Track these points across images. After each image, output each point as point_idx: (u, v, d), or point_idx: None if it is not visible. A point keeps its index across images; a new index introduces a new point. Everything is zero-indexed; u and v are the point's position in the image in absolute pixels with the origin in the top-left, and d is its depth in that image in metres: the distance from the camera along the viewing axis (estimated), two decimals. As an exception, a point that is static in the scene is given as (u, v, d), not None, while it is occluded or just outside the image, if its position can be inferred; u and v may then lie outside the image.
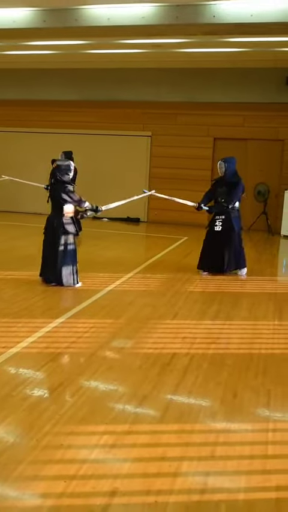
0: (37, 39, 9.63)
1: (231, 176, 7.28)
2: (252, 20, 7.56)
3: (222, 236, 7.25)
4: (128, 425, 3.09)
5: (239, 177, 7.34)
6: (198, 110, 12.64)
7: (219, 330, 5.02)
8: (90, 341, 4.50)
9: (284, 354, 4.47)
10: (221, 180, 7.36)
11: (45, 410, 3.21)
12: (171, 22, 7.87)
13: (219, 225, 7.24)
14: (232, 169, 7.29)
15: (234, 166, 7.34)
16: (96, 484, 2.51)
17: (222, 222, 7.24)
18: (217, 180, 7.51)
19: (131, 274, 7.20)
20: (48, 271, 6.30)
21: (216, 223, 7.29)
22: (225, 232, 7.25)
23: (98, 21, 8.09)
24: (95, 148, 13.38)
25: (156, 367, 3.97)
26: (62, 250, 6.19)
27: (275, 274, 8.17)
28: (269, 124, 12.25)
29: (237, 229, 7.33)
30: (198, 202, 7.38)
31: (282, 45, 9.72)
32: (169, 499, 2.43)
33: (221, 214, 7.27)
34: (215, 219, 7.33)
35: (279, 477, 2.65)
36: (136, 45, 10.23)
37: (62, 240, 6.20)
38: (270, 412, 3.37)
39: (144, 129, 13.17)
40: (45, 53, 11.29)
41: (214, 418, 3.24)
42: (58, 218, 6.20)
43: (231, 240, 7.29)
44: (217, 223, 7.28)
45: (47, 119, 13.72)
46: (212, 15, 7.69)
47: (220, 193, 7.30)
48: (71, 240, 6.28)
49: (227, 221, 7.24)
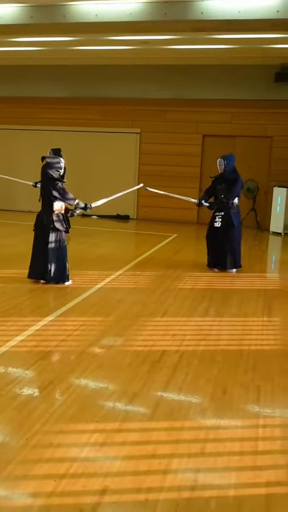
0: (24, 36, 9.56)
1: (230, 173, 7.37)
2: (240, 16, 7.57)
3: (221, 232, 7.36)
4: (118, 423, 3.08)
5: (238, 173, 7.43)
6: (187, 106, 12.64)
7: (209, 327, 5.03)
8: (80, 339, 4.49)
9: (274, 350, 4.49)
10: (221, 177, 7.45)
11: (35, 409, 3.19)
12: (159, 19, 7.86)
13: (218, 221, 7.36)
14: (231, 166, 7.39)
15: (233, 164, 7.45)
16: (86, 483, 2.50)
17: (221, 218, 7.34)
18: (216, 177, 7.58)
19: (120, 272, 7.19)
20: (37, 269, 6.24)
21: (216, 219, 7.40)
22: (225, 228, 7.35)
23: (86, 17, 8.06)
24: (84, 145, 13.33)
25: (146, 364, 3.97)
26: (51, 248, 6.15)
27: (265, 271, 8.20)
28: (258, 121, 12.28)
29: (236, 224, 7.41)
30: (199, 199, 7.59)
31: (270, 42, 9.74)
32: (159, 497, 2.43)
33: (220, 211, 7.37)
34: (215, 215, 7.44)
35: (269, 473, 2.66)
36: (124, 42, 10.19)
37: (52, 237, 6.15)
38: (260, 408, 3.38)
39: (133, 126, 13.14)
40: (32, 50, 11.20)
41: (204, 415, 3.24)
42: (48, 215, 6.15)
43: (230, 237, 7.39)
44: (217, 219, 7.39)
45: (35, 116, 13.64)
46: (200, 11, 7.69)
47: (220, 190, 7.42)
48: (60, 237, 6.23)
49: (227, 217, 7.34)
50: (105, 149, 13.28)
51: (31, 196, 11.36)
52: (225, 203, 7.32)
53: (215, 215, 7.43)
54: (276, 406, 3.42)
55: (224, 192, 7.35)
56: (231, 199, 7.33)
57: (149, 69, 12.66)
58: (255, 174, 12.30)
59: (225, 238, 7.35)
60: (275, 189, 11.64)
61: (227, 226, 7.33)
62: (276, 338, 4.82)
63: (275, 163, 12.32)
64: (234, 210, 7.43)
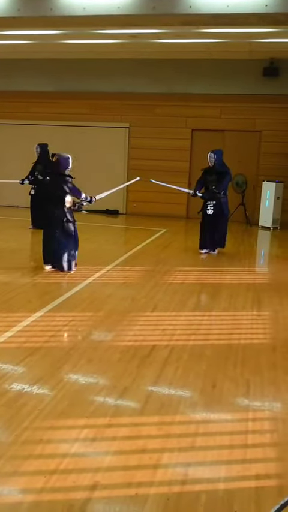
0: (11, 29, 9.46)
1: (220, 166, 8.27)
2: (228, 10, 7.56)
3: (213, 219, 8.26)
4: (108, 418, 3.08)
5: (227, 167, 8.36)
6: (176, 101, 12.61)
7: (199, 321, 5.04)
8: (70, 334, 4.47)
9: (263, 343, 4.51)
10: (210, 169, 8.31)
11: (24, 405, 3.18)
12: (147, 12, 7.82)
13: (211, 209, 8.25)
14: (220, 159, 8.30)
15: (222, 157, 8.35)
16: (76, 478, 2.50)
17: (213, 206, 8.25)
18: (206, 170, 8.41)
19: (110, 267, 7.17)
20: (50, 258, 6.71)
21: (208, 207, 8.29)
22: (216, 215, 8.26)
23: (74, 10, 7.99)
24: (72, 140, 13.24)
25: (136, 359, 3.97)
26: (63, 238, 6.60)
27: (254, 265, 8.23)
28: (246, 115, 12.29)
29: (226, 213, 8.41)
30: (194, 190, 8.41)
31: (258, 36, 9.74)
32: (150, 491, 2.43)
33: (212, 200, 8.25)
34: (207, 204, 8.32)
35: (258, 466, 2.67)
36: (113, 36, 10.13)
37: (64, 229, 6.60)
38: (249, 402, 3.40)
39: (122, 121, 13.09)
40: (20, 43, 11.09)
41: (194, 409, 3.25)
42: (59, 209, 6.58)
43: (220, 223, 8.33)
44: (209, 207, 8.28)
45: (23, 110, 13.53)
46: (189, 5, 7.66)
47: (211, 181, 8.29)
48: (71, 228, 6.66)
49: (218, 205, 8.25)
50: (94, 144, 13.22)
51: (20, 191, 11.32)
52: (217, 193, 8.18)
53: (207, 204, 8.29)
54: (266, 400, 3.44)
55: (214, 183, 8.20)
56: (221, 189, 8.20)
57: (137, 63, 12.60)
58: (244, 168, 12.32)
59: (217, 224, 8.27)
60: (264, 183, 11.67)
61: (218, 214, 8.24)
62: (265, 332, 4.85)
63: (264, 158, 12.35)
64: (224, 199, 8.30)
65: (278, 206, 11.60)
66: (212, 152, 8.24)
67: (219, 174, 8.18)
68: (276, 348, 4.39)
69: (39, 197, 9.48)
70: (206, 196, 8.28)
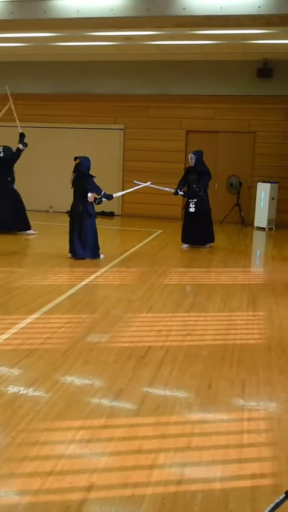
0: (5, 31, 9.46)
1: (199, 166, 8.81)
2: (222, 12, 7.59)
3: (196, 216, 8.75)
4: (104, 419, 3.09)
5: (206, 166, 8.93)
6: (170, 102, 12.64)
7: (195, 322, 5.05)
8: (66, 336, 4.48)
9: (258, 344, 4.53)
10: (191, 169, 8.87)
11: (20, 407, 3.18)
12: (141, 14, 7.84)
13: (192, 207, 8.79)
14: (201, 160, 8.83)
15: (202, 158, 8.88)
16: (73, 480, 2.50)
17: (195, 204, 8.78)
18: (187, 169, 9.02)
19: (106, 268, 7.18)
20: (76, 248, 7.62)
21: (190, 205, 8.83)
22: (198, 212, 8.77)
23: (67, 13, 8.01)
24: (67, 142, 13.26)
25: (131, 360, 3.98)
26: (87, 230, 7.60)
27: (249, 266, 8.25)
28: (241, 116, 12.34)
29: (207, 208, 8.89)
30: (176, 189, 8.89)
31: (251, 38, 9.78)
32: (146, 491, 2.44)
33: (193, 198, 8.80)
34: (189, 201, 8.88)
35: (254, 465, 2.68)
36: (107, 38, 10.15)
37: (87, 221, 7.61)
38: (245, 402, 3.41)
39: (117, 122, 13.11)
40: (13, 45, 11.11)
41: (190, 409, 3.26)
42: (83, 204, 7.60)
43: (203, 218, 8.81)
44: (191, 205, 8.82)
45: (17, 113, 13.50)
46: (182, 7, 7.69)
47: (192, 180, 8.84)
48: (93, 220, 7.72)
49: (199, 203, 8.78)
50: (89, 146, 13.20)
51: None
52: (198, 192, 8.73)
53: (189, 201, 8.86)
54: (261, 399, 3.46)
55: (195, 182, 8.78)
56: (202, 188, 8.75)
57: (132, 65, 12.63)
58: (239, 169, 12.36)
59: (201, 220, 8.76)
60: (258, 184, 11.71)
61: (201, 210, 8.76)
62: (260, 332, 4.86)
63: (259, 159, 12.39)
64: (204, 196, 8.84)
65: (273, 207, 11.65)
66: (193, 153, 8.83)
67: (200, 174, 8.75)
68: (272, 348, 4.41)
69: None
70: (187, 195, 8.91)
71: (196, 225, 8.78)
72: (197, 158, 8.72)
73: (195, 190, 8.74)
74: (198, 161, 8.74)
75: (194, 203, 8.74)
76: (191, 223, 8.82)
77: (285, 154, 12.28)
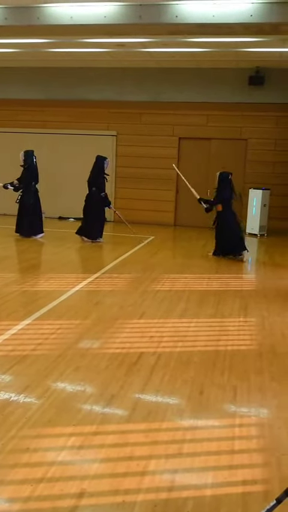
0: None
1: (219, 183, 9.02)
2: (214, 20, 7.66)
3: (218, 228, 9.09)
4: (96, 425, 3.08)
5: (225, 184, 9.11)
6: (163, 109, 12.70)
7: (186, 328, 5.05)
8: (57, 342, 4.47)
9: (250, 350, 4.54)
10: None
11: (11, 413, 3.16)
12: (134, 21, 7.89)
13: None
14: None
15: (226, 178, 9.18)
16: (63, 486, 2.49)
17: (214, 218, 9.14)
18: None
19: (97, 275, 7.17)
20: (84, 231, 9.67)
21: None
22: (220, 225, 9.06)
23: (61, 19, 8.05)
24: (59, 148, 13.28)
25: (123, 366, 3.97)
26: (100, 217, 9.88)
27: (241, 272, 8.28)
28: (233, 123, 12.42)
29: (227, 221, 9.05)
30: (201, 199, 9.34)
31: (243, 46, 9.87)
32: (137, 498, 2.43)
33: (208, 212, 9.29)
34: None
35: (245, 471, 2.69)
36: (100, 44, 10.20)
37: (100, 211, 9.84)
38: (236, 408, 3.42)
39: (109, 129, 13.14)
40: (7, 51, 11.13)
41: (181, 416, 3.26)
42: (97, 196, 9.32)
43: (224, 230, 9.09)
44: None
45: (10, 118, 13.53)
46: (175, 15, 7.75)
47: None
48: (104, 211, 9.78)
49: (218, 217, 9.11)
50: (81, 152, 13.23)
51: (3, 198, 11.29)
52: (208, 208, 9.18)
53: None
54: (252, 406, 3.46)
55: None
56: (212, 204, 9.09)
57: (124, 71, 12.69)
58: (231, 176, 12.39)
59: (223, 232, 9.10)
60: (250, 191, 11.78)
61: (222, 224, 9.04)
62: (252, 338, 4.87)
63: (250, 166, 12.47)
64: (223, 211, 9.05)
65: (264, 213, 11.71)
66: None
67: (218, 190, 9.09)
68: (263, 354, 4.42)
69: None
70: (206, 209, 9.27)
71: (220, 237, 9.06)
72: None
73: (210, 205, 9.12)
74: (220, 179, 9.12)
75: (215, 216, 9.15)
76: (215, 234, 9.17)
77: (277, 161, 12.37)
